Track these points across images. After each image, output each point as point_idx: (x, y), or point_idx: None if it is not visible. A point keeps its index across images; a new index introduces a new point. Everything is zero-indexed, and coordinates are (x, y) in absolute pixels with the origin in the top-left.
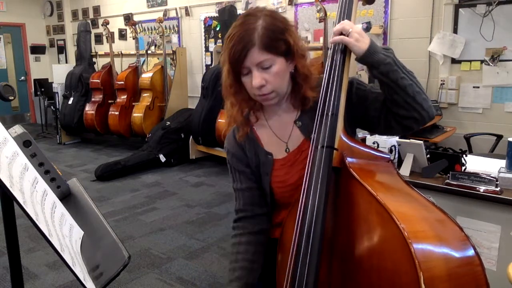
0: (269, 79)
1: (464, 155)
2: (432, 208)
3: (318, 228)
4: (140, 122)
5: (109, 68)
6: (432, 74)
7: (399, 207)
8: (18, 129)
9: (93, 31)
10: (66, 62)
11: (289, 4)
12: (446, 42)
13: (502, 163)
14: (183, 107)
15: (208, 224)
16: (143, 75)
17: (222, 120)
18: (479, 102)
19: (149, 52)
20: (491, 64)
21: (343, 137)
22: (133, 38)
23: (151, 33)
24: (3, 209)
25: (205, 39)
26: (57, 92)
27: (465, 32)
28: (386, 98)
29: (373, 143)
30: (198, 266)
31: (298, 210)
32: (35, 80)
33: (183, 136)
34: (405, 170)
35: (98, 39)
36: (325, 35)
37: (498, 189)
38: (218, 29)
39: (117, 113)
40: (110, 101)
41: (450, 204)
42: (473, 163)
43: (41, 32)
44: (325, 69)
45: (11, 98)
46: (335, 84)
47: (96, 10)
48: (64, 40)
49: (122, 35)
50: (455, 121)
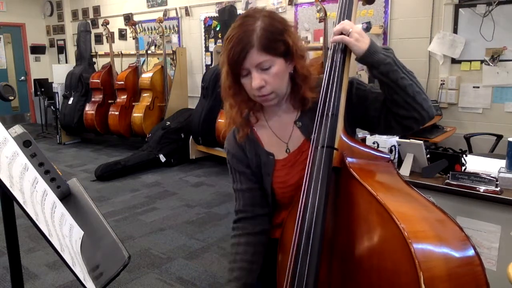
0: (269, 80)
1: (464, 155)
2: (432, 208)
3: (318, 228)
4: (140, 122)
5: (109, 68)
6: (432, 74)
7: (399, 207)
8: (18, 129)
9: (93, 31)
10: (66, 62)
11: (289, 4)
12: (446, 42)
13: (502, 163)
14: (183, 107)
15: (208, 224)
16: (143, 75)
17: (222, 120)
18: (479, 102)
19: (149, 52)
20: (491, 64)
21: (343, 137)
22: (133, 38)
23: (151, 33)
24: (3, 209)
25: (205, 39)
26: (57, 92)
27: (465, 32)
28: (386, 98)
29: (373, 143)
30: (198, 266)
31: (298, 210)
32: (35, 80)
33: (183, 136)
34: (405, 170)
35: (98, 39)
36: (325, 35)
37: (498, 189)
38: (218, 29)
39: (117, 113)
40: (110, 101)
41: (450, 204)
42: (473, 163)
43: (41, 32)
44: (325, 69)
45: (11, 98)
46: (335, 84)
47: (96, 10)
48: (64, 40)
49: (122, 35)
50: (455, 121)
